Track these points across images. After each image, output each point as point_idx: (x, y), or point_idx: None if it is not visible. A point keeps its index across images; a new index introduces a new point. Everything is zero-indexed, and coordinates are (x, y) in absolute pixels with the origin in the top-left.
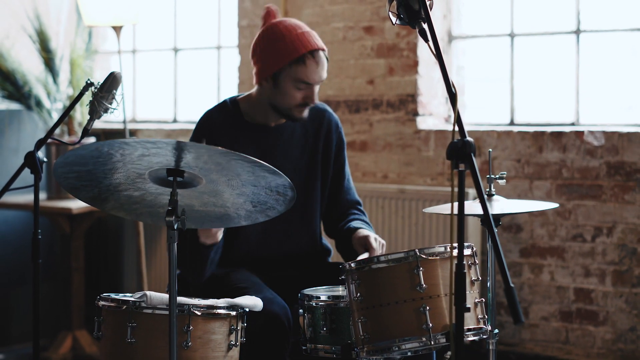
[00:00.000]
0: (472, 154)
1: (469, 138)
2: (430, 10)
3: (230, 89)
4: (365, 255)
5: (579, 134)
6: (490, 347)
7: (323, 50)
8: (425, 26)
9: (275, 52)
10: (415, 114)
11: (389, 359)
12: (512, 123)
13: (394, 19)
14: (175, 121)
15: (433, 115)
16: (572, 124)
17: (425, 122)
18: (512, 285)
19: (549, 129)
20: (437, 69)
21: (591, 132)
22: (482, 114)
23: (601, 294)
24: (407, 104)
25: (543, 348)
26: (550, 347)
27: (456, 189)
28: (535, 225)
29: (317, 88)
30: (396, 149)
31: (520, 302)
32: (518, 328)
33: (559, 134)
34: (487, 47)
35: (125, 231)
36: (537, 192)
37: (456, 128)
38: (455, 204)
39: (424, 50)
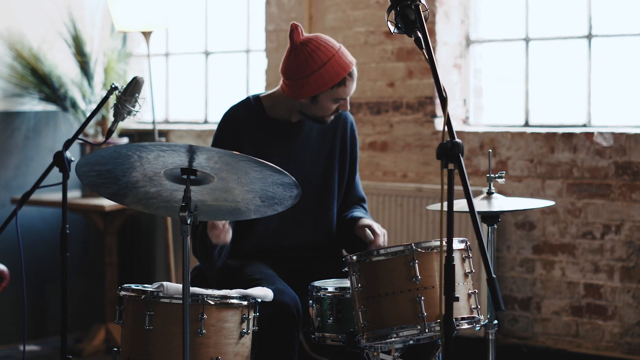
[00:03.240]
0: (460, 155)
1: (457, 139)
2: (425, 20)
3: (257, 91)
4: (370, 236)
5: (589, 135)
6: (490, 337)
7: (355, 64)
8: (420, 35)
9: (317, 79)
10: (434, 115)
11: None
12: (526, 124)
13: (392, 28)
14: (206, 122)
15: (450, 116)
16: (584, 125)
17: (443, 124)
18: (494, 276)
19: (560, 130)
20: (454, 73)
21: (600, 134)
22: (498, 115)
23: (610, 290)
24: (426, 105)
25: (554, 341)
26: (561, 341)
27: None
28: (547, 222)
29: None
30: (415, 149)
31: (532, 297)
32: (530, 322)
33: (570, 135)
34: (503, 51)
35: (156, 227)
36: (549, 191)
37: (446, 130)
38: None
39: (441, 54)
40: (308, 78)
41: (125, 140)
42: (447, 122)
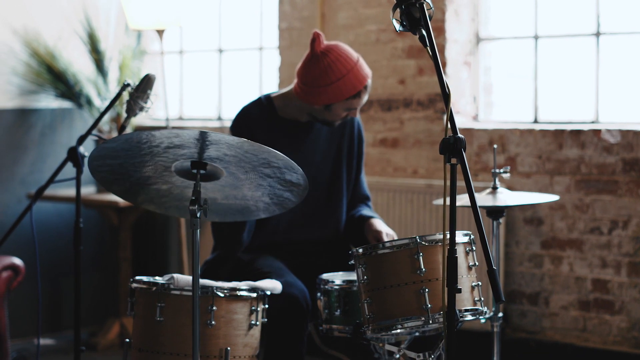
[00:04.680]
0: (463, 150)
1: (460, 135)
2: (430, 19)
3: (271, 88)
4: None
5: (597, 131)
6: (495, 330)
7: (370, 76)
8: (424, 32)
9: (334, 90)
10: (444, 112)
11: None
12: (535, 121)
13: (397, 26)
14: (219, 119)
15: (460, 113)
16: (592, 122)
17: (445, 119)
18: (494, 268)
19: (568, 127)
20: (464, 70)
21: (608, 130)
22: (508, 112)
23: (617, 284)
24: (436, 102)
25: (562, 336)
26: (569, 335)
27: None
28: (556, 218)
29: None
30: (425, 145)
31: (541, 291)
32: (539, 317)
33: (578, 132)
34: (512, 49)
35: (170, 223)
36: (557, 187)
37: (449, 125)
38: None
39: (451, 51)
40: (326, 88)
41: None
42: (450, 118)
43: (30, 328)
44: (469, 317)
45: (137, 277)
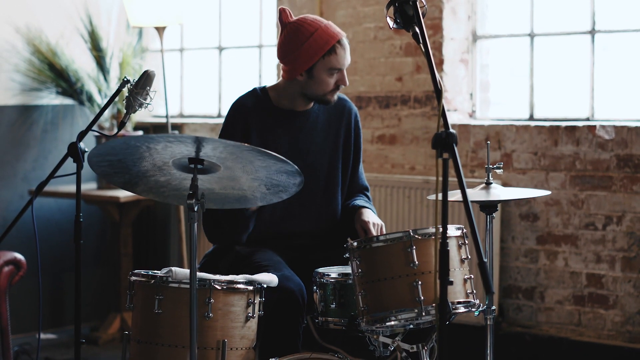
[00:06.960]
0: (454, 145)
1: (452, 130)
2: (423, 17)
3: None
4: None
5: (591, 128)
6: (488, 323)
7: (345, 36)
8: (417, 30)
9: (307, 49)
10: None
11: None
12: (531, 118)
13: (391, 23)
14: (219, 116)
15: (457, 110)
16: (587, 119)
17: (450, 117)
18: (485, 260)
19: (563, 124)
20: (461, 67)
21: (602, 127)
22: (504, 109)
23: (611, 279)
24: (433, 100)
25: (557, 330)
26: (564, 329)
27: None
28: (551, 214)
29: (345, 71)
30: (423, 142)
31: (536, 286)
32: (534, 311)
33: (573, 129)
34: (509, 46)
35: (170, 219)
36: (553, 183)
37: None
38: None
39: (448, 49)
40: (299, 51)
41: (139, 133)
42: (442, 114)
43: (32, 323)
44: (462, 310)
45: (136, 271)
